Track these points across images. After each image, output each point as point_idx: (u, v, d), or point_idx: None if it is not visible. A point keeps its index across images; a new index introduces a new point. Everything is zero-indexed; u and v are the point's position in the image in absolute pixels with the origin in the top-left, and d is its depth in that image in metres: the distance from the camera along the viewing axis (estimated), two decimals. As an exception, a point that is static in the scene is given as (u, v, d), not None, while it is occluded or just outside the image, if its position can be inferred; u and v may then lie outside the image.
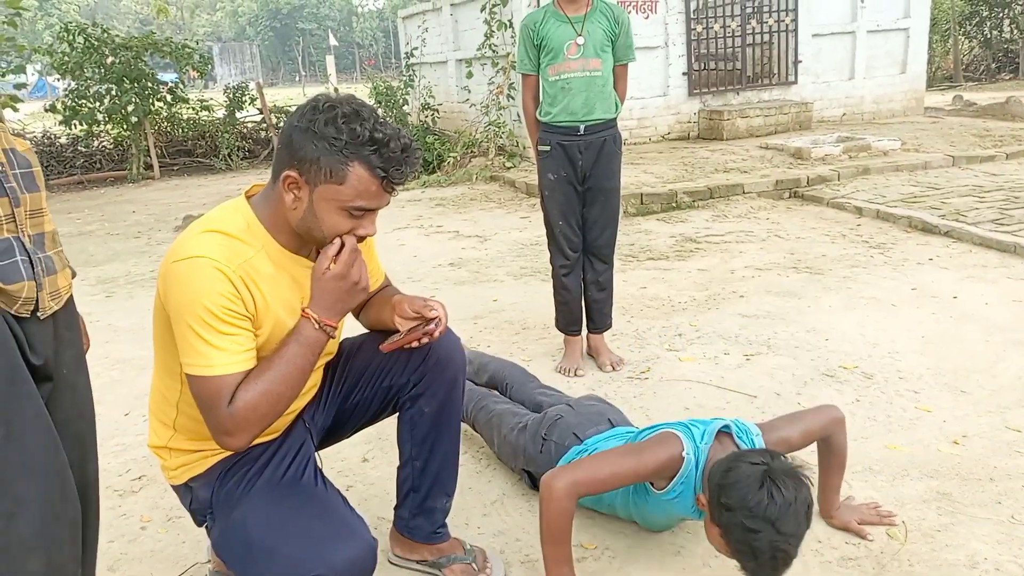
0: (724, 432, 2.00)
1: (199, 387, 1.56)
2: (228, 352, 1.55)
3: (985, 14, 20.41)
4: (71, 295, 1.55)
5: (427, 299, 1.84)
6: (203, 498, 1.78)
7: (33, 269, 1.41)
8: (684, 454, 1.92)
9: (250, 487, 1.74)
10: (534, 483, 2.43)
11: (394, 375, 1.96)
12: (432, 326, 1.78)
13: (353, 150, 1.54)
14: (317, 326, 1.65)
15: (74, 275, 1.57)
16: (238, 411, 1.55)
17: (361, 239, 1.66)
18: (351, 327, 1.94)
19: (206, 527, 1.82)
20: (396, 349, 1.84)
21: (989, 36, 20.71)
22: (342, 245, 1.64)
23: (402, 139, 1.58)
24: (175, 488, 1.84)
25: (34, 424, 1.37)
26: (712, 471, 1.84)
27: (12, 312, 1.38)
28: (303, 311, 1.66)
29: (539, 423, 2.45)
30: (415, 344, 1.82)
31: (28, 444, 1.35)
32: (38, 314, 1.43)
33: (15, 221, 1.39)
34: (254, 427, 1.58)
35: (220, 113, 12.32)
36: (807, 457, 2.19)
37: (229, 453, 1.75)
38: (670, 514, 2.11)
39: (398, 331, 1.85)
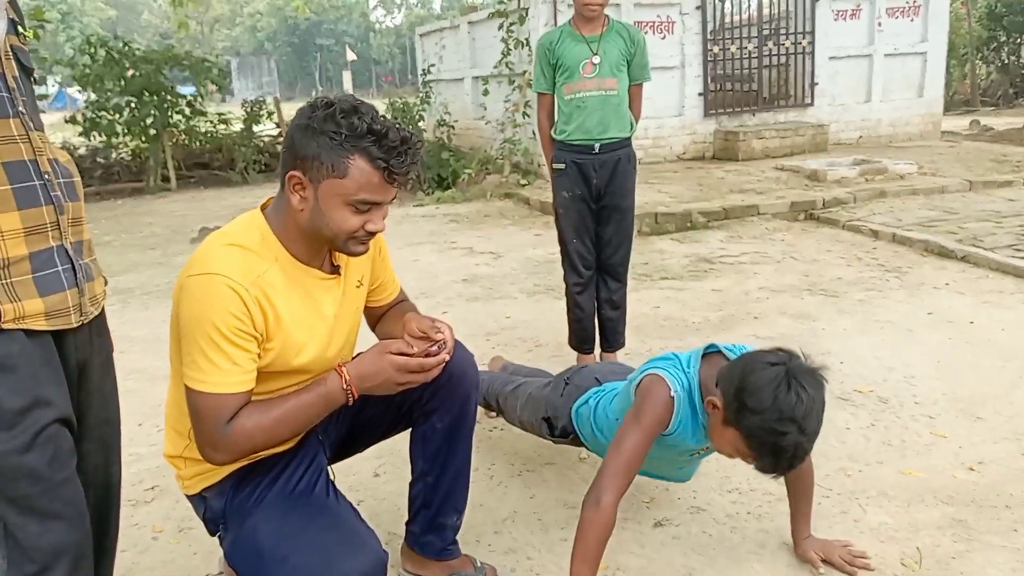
0: (712, 352, 2.00)
1: (194, 399, 1.59)
2: (228, 372, 1.57)
3: (1003, 39, 20.39)
4: (104, 302, 1.58)
5: (435, 320, 1.84)
6: (216, 508, 1.79)
7: (76, 276, 1.44)
8: (673, 393, 1.93)
9: (262, 498, 1.75)
10: (552, 432, 2.46)
11: (408, 390, 1.97)
12: (435, 348, 1.75)
13: (353, 142, 1.56)
14: (345, 385, 1.66)
15: (106, 282, 1.61)
16: (233, 433, 1.58)
17: (371, 235, 1.67)
18: (364, 337, 1.94)
19: (218, 537, 1.83)
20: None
21: (1007, 61, 20.68)
22: (429, 354, 1.69)
23: (401, 131, 1.60)
24: (189, 498, 1.85)
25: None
26: (726, 376, 1.83)
27: (59, 327, 1.41)
28: (338, 366, 1.68)
29: (564, 372, 2.53)
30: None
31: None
32: (83, 319, 1.47)
33: (59, 229, 1.42)
34: (242, 452, 1.63)
35: (238, 127, 12.41)
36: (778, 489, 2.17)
37: (243, 464, 1.76)
38: (677, 450, 2.08)
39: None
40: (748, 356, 1.86)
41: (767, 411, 1.71)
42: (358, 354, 1.79)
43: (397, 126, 1.60)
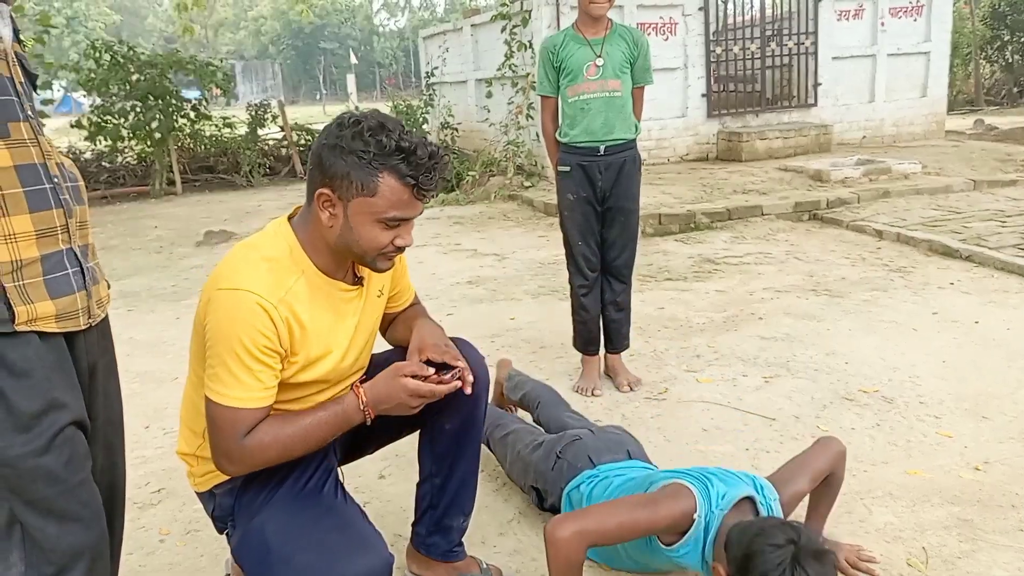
0: (747, 499, 1.90)
1: (213, 411, 1.62)
2: (249, 388, 1.60)
3: (1007, 38, 20.35)
4: (108, 306, 1.60)
5: (449, 348, 1.83)
6: (225, 505, 1.81)
7: (84, 279, 1.46)
8: (695, 516, 1.84)
9: (271, 496, 1.76)
10: (541, 501, 2.41)
11: None
12: (448, 376, 1.74)
13: (382, 160, 1.58)
14: (362, 406, 1.69)
15: (109, 287, 1.62)
16: (249, 447, 1.61)
17: (400, 250, 1.70)
18: (376, 343, 1.95)
19: (226, 535, 1.84)
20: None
21: (1011, 60, 20.64)
22: (442, 381, 1.71)
23: (429, 146, 1.61)
24: (199, 495, 1.87)
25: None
26: (733, 542, 1.74)
27: (69, 329, 1.42)
28: (355, 386, 1.70)
29: (556, 441, 2.43)
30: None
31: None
32: (90, 321, 1.48)
33: (68, 232, 1.44)
34: (256, 465, 1.66)
35: (242, 130, 12.44)
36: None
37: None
38: (675, 565, 2.00)
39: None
40: (757, 529, 1.74)
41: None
42: (372, 371, 1.79)
43: (424, 141, 1.62)
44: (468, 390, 1.78)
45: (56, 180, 1.42)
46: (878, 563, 2.15)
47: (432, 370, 1.72)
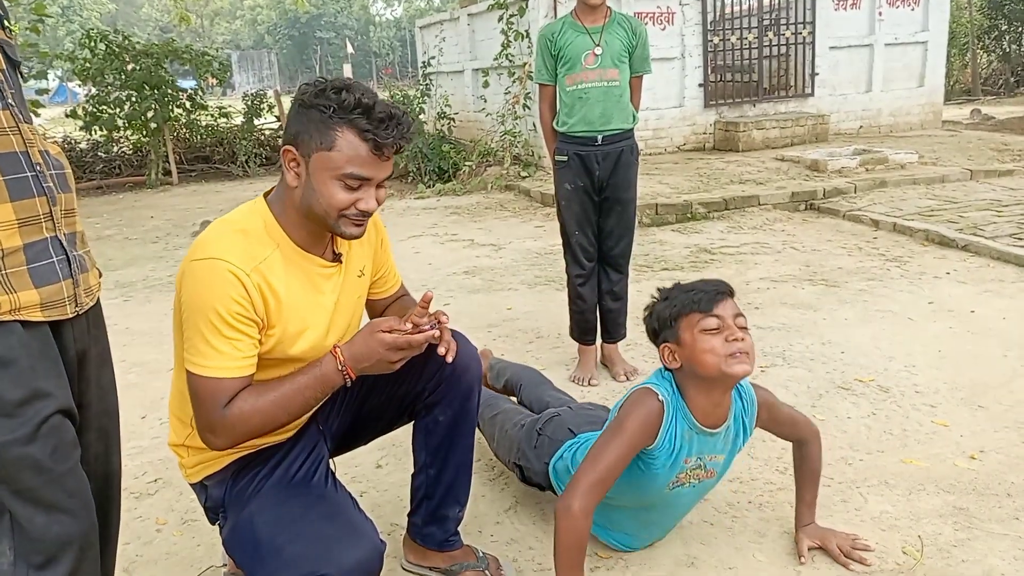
0: None
1: (195, 384, 1.60)
2: (228, 357, 1.58)
3: (1004, 28, 20.31)
4: (99, 294, 1.59)
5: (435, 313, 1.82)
6: (216, 496, 1.80)
7: (70, 267, 1.44)
8: (661, 398, 1.95)
9: (261, 486, 1.76)
10: (524, 478, 2.43)
11: (410, 383, 1.97)
12: (426, 323, 1.70)
13: (341, 115, 1.58)
14: (340, 366, 1.66)
15: (100, 275, 1.61)
16: (230, 416, 1.59)
17: (365, 215, 1.67)
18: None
19: (218, 526, 1.84)
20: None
21: (1008, 50, 20.61)
22: (419, 331, 1.68)
23: (391, 107, 1.61)
24: (192, 486, 1.86)
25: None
26: (653, 326, 2.08)
27: (55, 318, 1.41)
28: (334, 347, 1.68)
29: (537, 420, 2.46)
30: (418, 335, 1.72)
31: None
32: (78, 309, 1.47)
33: (52, 220, 1.42)
34: (240, 436, 1.63)
35: (238, 120, 12.41)
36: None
37: (244, 453, 1.77)
38: (672, 466, 2.03)
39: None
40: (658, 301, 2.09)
41: (667, 301, 2.01)
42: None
43: (387, 102, 1.62)
44: (449, 358, 1.76)
45: (39, 168, 1.41)
46: (872, 551, 2.15)
47: (409, 325, 1.68)
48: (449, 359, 1.77)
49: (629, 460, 1.93)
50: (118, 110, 11.06)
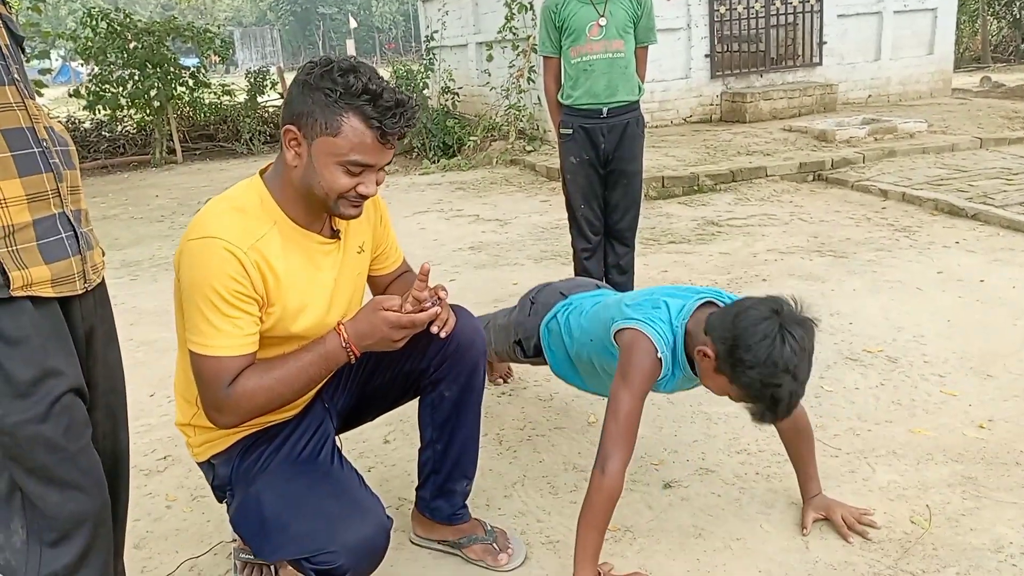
0: (705, 303, 2.00)
1: (198, 364, 1.60)
2: (229, 335, 1.57)
3: (1015, -7, 20.03)
4: (104, 272, 1.59)
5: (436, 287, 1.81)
6: (223, 475, 1.81)
7: (78, 243, 1.44)
8: (659, 356, 1.94)
9: (267, 464, 1.76)
10: (525, 353, 2.47)
11: (415, 360, 1.96)
12: (428, 301, 1.70)
13: (348, 100, 1.54)
14: (344, 344, 1.65)
15: (103, 254, 1.60)
16: (235, 394, 1.58)
17: (363, 198, 1.65)
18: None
19: (226, 503, 1.85)
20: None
21: (1018, 16, 20.31)
22: (422, 309, 1.67)
23: (397, 93, 1.58)
24: (199, 465, 1.87)
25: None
26: (717, 325, 1.85)
27: (65, 294, 1.41)
28: (338, 324, 1.67)
29: (529, 292, 2.54)
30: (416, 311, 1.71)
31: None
32: (86, 286, 1.47)
33: (60, 196, 1.42)
34: (245, 414, 1.63)
35: (241, 98, 12.37)
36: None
37: (250, 431, 1.78)
38: (658, 391, 2.11)
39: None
40: (739, 307, 1.85)
41: (762, 365, 1.73)
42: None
43: (394, 87, 1.58)
44: (443, 335, 1.75)
45: (44, 144, 1.40)
46: (877, 528, 2.15)
47: (410, 305, 1.67)
48: (443, 335, 1.76)
49: (642, 405, 1.95)
50: (121, 89, 11.02)
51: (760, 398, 1.78)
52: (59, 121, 1.50)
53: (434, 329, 1.73)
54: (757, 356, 1.74)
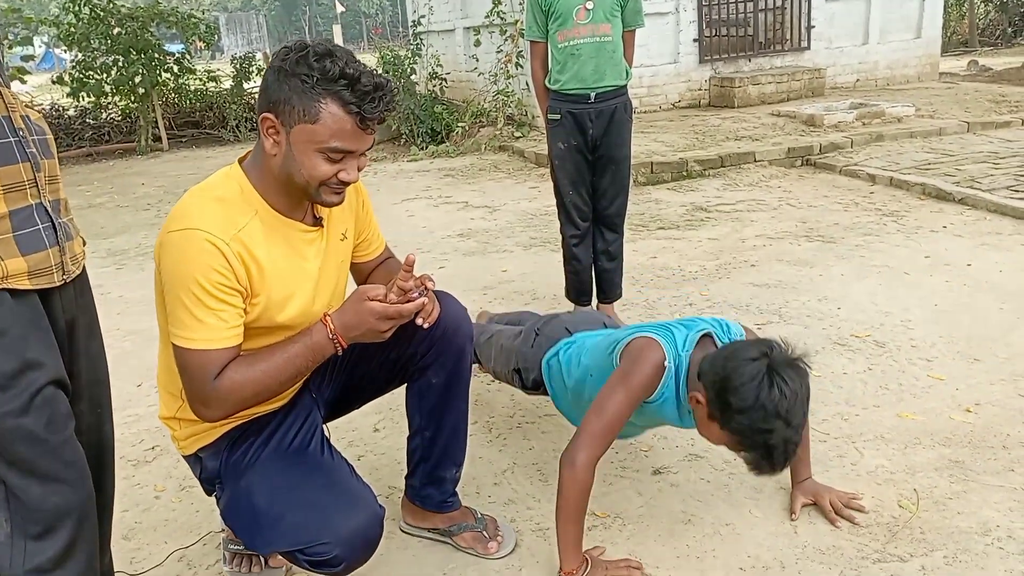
0: (706, 335, 1.96)
1: (182, 358, 1.57)
2: (213, 328, 1.55)
3: (1002, -23, 20.06)
4: (84, 262, 1.57)
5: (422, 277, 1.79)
6: (212, 468, 1.79)
7: (56, 234, 1.42)
8: (666, 364, 1.90)
9: (256, 457, 1.75)
10: (524, 384, 2.44)
11: (401, 347, 1.95)
12: (414, 291, 1.67)
13: (325, 86, 1.51)
14: (331, 335, 1.63)
15: (84, 243, 1.58)
16: (222, 387, 1.56)
17: (345, 184, 1.62)
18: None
19: (215, 496, 1.83)
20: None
21: (1005, 0, 20.35)
22: (409, 300, 1.64)
23: (375, 76, 1.54)
24: (185, 458, 1.85)
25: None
26: (707, 369, 1.80)
27: (43, 286, 1.39)
28: (324, 316, 1.65)
29: (535, 322, 2.49)
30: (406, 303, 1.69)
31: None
32: (65, 278, 1.45)
33: (37, 186, 1.40)
34: (231, 407, 1.60)
35: (227, 84, 12.26)
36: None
37: (236, 424, 1.76)
38: (652, 419, 2.07)
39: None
40: (729, 351, 1.80)
41: (751, 410, 1.68)
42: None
43: (371, 71, 1.55)
44: (426, 325, 1.73)
45: (21, 133, 1.38)
46: (865, 512, 2.16)
47: (396, 293, 1.65)
48: (425, 326, 1.73)
49: (632, 412, 1.93)
50: (105, 76, 10.90)
51: (753, 446, 1.72)
52: (41, 109, 1.48)
53: (419, 321, 1.71)
54: (745, 399, 1.68)
